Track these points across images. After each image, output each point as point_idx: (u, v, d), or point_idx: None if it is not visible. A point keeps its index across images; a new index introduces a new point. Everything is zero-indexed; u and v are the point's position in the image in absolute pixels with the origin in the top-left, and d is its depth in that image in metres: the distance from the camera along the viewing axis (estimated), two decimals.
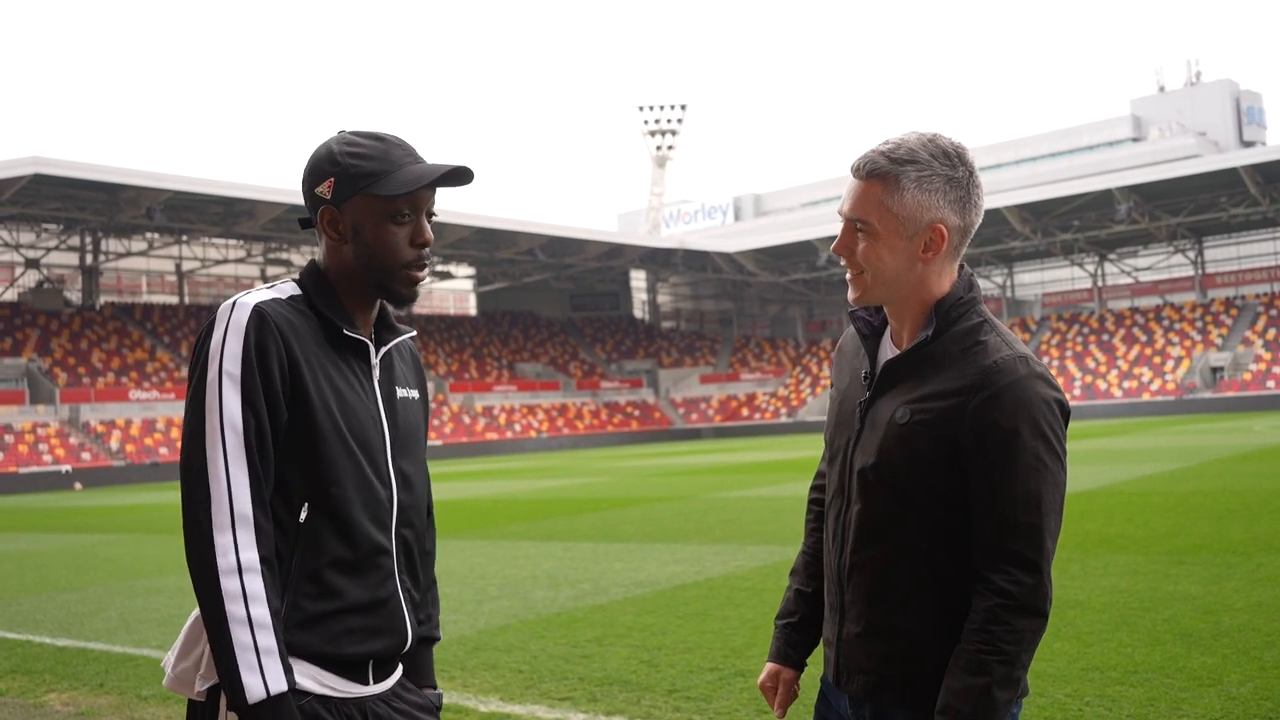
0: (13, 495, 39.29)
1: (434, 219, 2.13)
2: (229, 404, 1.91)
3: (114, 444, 47.62)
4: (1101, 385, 58.71)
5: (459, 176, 2.08)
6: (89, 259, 58.15)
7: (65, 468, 44.11)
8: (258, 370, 1.92)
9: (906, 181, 1.98)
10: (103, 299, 59.67)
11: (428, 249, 2.09)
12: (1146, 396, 56.16)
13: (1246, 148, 68.61)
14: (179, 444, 2.30)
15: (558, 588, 9.51)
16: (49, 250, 56.18)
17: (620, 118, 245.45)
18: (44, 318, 54.13)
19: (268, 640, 1.85)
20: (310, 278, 2.10)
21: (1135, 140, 77.46)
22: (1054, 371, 61.75)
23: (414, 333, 2.26)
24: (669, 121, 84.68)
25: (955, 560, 1.97)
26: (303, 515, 1.98)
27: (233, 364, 1.92)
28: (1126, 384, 58.03)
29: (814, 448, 37.36)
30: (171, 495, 31.46)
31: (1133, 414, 54.34)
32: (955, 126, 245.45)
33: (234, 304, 1.97)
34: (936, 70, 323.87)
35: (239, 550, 1.86)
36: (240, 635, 1.83)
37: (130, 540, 16.87)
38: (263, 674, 1.83)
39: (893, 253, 2.01)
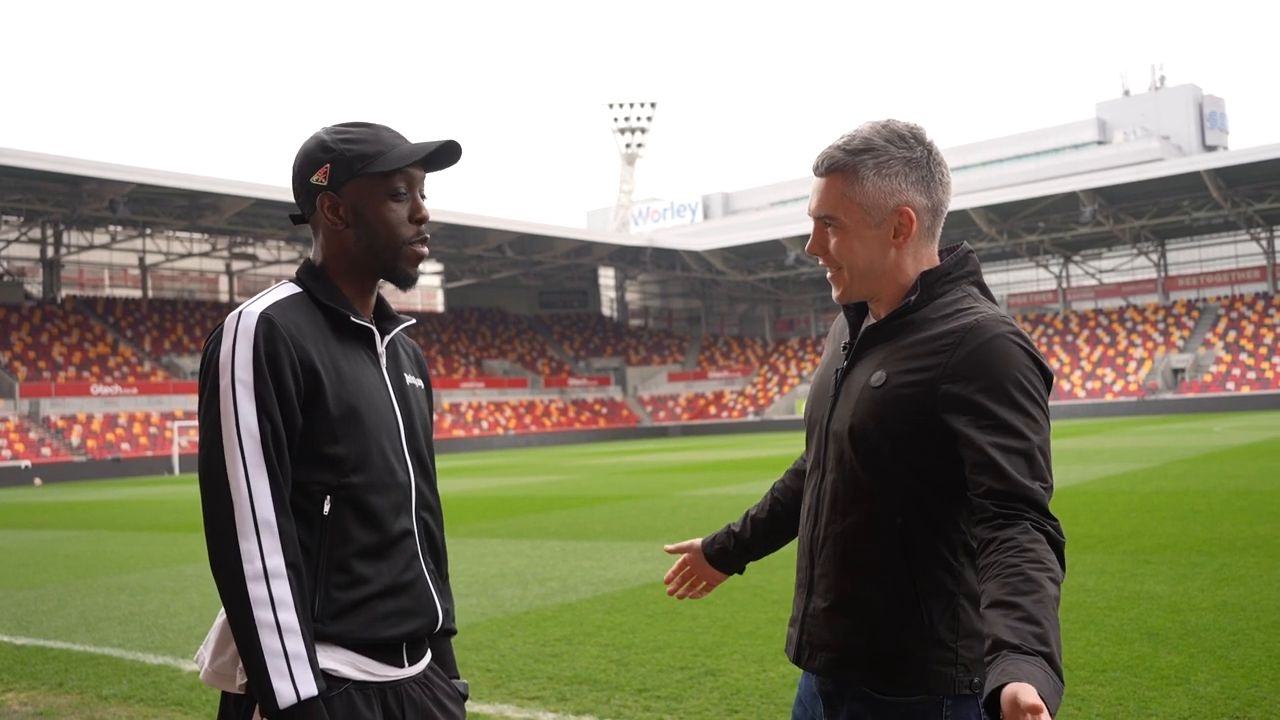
0: None
1: (425, 200, 2.15)
2: (244, 412, 1.91)
3: (75, 439, 47.02)
4: (1065, 386, 59.25)
5: (450, 151, 2.12)
6: (50, 251, 57.38)
7: (25, 463, 43.48)
8: (270, 376, 1.93)
9: (865, 170, 1.97)
10: (64, 292, 58.94)
11: (425, 225, 2.13)
12: (1109, 397, 56.78)
13: (1209, 151, 69.55)
14: (137, 440, 2.26)
15: (526, 586, 9.46)
16: (9, 242, 55.30)
17: (590, 115, 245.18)
18: (4, 311, 53.34)
19: (296, 645, 1.86)
20: (308, 274, 2.11)
21: (1100, 143, 78.20)
22: None
23: (413, 320, 2.28)
24: (639, 119, 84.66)
25: (929, 536, 1.92)
26: (326, 507, 1.99)
27: (245, 372, 1.92)
28: (1090, 385, 58.62)
29: (781, 446, 37.44)
30: (132, 491, 31.11)
31: (1096, 414, 54.92)
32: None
33: (240, 313, 1.98)
34: (904, 72, 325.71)
35: (264, 556, 1.87)
36: (269, 641, 1.84)
37: (91, 537, 16.64)
38: (293, 679, 1.84)
39: (864, 243, 1.99)
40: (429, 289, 78.14)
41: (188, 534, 16.12)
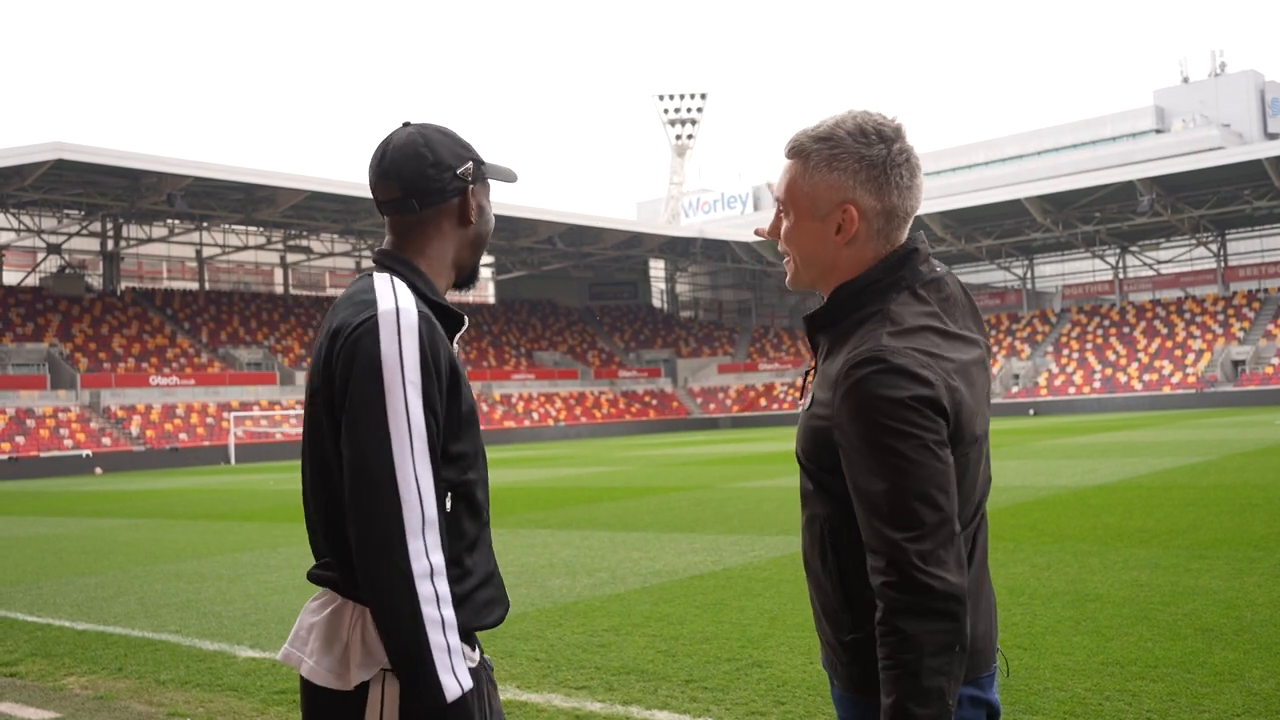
0: (34, 479, 39.61)
1: None
2: (414, 409, 1.91)
3: (134, 429, 47.91)
4: (1122, 378, 58.40)
5: None
6: (110, 245, 58.49)
7: (86, 452, 44.43)
8: (434, 375, 1.96)
9: (818, 160, 1.91)
10: (124, 285, 60.05)
11: None
12: (1167, 390, 55.85)
13: (1270, 139, 68.02)
14: (194, 430, 2.29)
15: (575, 576, 9.51)
16: (70, 236, 56.55)
17: (640, 107, 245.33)
18: (65, 303, 54.47)
19: (455, 640, 1.91)
20: (409, 270, 2.10)
21: (1158, 131, 76.85)
22: (1073, 364, 61.47)
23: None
24: (689, 110, 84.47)
25: (855, 541, 1.89)
26: (449, 504, 2.00)
27: (414, 372, 1.93)
28: (1147, 377, 57.70)
29: None
30: (190, 480, 31.62)
31: (1153, 407, 54.07)
32: (978, 116, 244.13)
33: (398, 310, 1.96)
34: (960, 59, 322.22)
35: (429, 554, 1.90)
36: (436, 637, 1.88)
37: (150, 525, 16.97)
38: (455, 673, 1.89)
39: (808, 234, 1.95)
40: (480, 281, 78.55)
41: (243, 523, 16.38)
